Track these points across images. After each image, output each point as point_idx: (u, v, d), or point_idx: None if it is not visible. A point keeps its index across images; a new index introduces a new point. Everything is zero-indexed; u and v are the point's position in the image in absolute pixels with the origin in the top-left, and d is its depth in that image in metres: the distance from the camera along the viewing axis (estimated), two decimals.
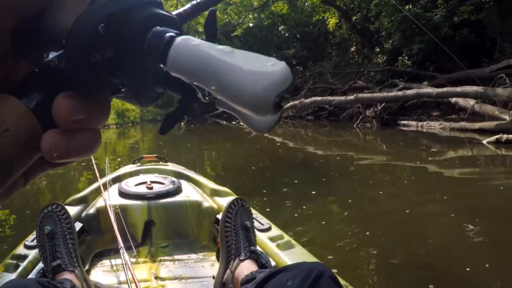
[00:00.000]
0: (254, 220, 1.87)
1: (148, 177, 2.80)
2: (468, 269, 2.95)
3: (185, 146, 11.23)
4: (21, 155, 0.28)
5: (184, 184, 2.79)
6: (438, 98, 11.04)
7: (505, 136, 7.77)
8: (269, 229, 2.07)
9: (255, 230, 1.81)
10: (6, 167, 0.27)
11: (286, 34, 24.91)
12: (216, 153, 10.16)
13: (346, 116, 14.09)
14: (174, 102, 0.34)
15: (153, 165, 3.23)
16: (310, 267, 1.14)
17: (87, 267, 2.14)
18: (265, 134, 12.10)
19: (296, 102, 14.31)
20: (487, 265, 3.03)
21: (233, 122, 16.00)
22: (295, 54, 23.55)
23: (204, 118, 19.86)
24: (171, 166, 3.23)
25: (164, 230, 2.48)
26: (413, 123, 11.81)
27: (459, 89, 10.04)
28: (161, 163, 3.36)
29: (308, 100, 14.05)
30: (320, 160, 8.02)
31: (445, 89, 10.53)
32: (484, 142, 8.04)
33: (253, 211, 1.84)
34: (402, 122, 12.19)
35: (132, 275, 1.52)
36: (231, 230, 1.64)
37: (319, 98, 13.97)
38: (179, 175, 2.99)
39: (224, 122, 17.82)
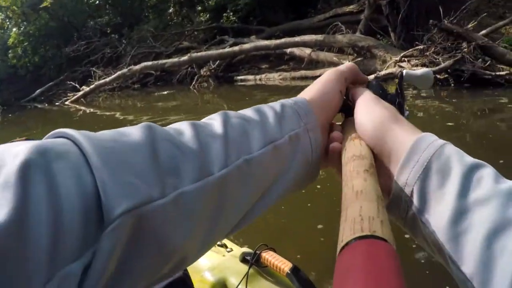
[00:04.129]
0: None
1: None
2: None
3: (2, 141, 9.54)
4: None
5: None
6: (276, 49, 10.77)
7: None
8: None
9: None
10: None
11: (97, 2, 23.07)
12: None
13: (180, 78, 13.49)
14: None
15: None
16: None
17: None
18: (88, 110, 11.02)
19: (125, 70, 13.14)
20: None
21: (56, 104, 14.15)
22: (109, 22, 21.93)
23: (20, 105, 16.92)
24: None
25: None
26: (251, 77, 11.55)
27: (297, 38, 9.93)
28: None
29: (138, 67, 12.61)
30: None
31: (282, 40, 10.33)
32: None
33: None
34: (240, 77, 11.93)
35: None
36: None
37: (149, 63, 12.69)
38: None
39: (46, 105, 15.23)
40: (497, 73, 6.70)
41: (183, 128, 0.43)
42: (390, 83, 7.61)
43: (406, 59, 7.68)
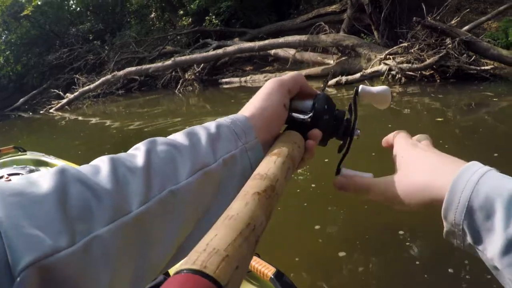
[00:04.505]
0: None
1: (5, 171, 2.70)
2: None
3: None
4: (299, 155, 0.54)
5: (44, 171, 2.23)
6: (261, 51, 10.74)
7: (344, 78, 7.92)
8: None
9: None
10: (296, 162, 0.52)
11: (78, 9, 22.85)
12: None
13: (165, 83, 13.41)
14: None
15: (10, 156, 3.16)
16: None
17: None
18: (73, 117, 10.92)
19: (108, 76, 13.02)
20: None
21: (40, 112, 13.94)
22: (91, 29, 21.74)
23: (4, 114, 16.43)
24: (30, 155, 3.16)
25: None
26: (236, 79, 11.54)
27: (281, 40, 9.89)
28: (19, 153, 3.29)
29: (121, 72, 12.49)
30: (156, 135, 7.11)
31: (266, 41, 10.31)
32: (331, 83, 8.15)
33: None
34: (224, 80, 11.91)
35: None
36: None
37: (133, 69, 12.56)
38: (39, 163, 3.01)
39: (30, 113, 14.96)
40: (482, 67, 6.72)
41: (101, 165, 0.42)
42: (376, 80, 7.62)
43: (391, 56, 7.67)
